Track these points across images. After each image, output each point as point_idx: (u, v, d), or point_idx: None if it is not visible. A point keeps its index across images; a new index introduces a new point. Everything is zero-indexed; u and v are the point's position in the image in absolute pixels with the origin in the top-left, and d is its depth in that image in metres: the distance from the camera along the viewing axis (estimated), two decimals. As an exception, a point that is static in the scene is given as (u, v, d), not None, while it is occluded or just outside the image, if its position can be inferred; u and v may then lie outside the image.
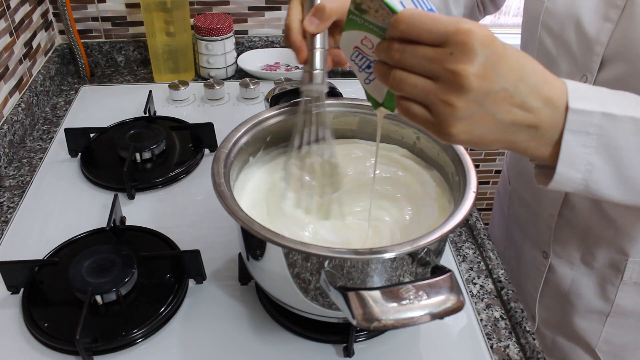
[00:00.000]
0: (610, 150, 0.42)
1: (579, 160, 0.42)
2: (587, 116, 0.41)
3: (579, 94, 0.41)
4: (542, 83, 0.40)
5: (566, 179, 0.43)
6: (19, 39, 1.00)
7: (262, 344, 0.60)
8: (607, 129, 0.41)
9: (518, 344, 0.63)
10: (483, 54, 0.36)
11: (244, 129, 0.62)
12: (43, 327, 0.60)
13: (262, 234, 0.48)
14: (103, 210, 0.78)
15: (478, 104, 0.38)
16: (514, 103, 0.39)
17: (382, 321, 0.41)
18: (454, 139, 0.40)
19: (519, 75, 0.39)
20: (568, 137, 0.41)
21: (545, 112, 0.40)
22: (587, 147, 0.42)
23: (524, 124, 0.40)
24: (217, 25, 1.09)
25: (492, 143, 0.41)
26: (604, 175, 0.43)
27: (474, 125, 0.39)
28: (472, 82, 0.36)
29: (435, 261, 0.51)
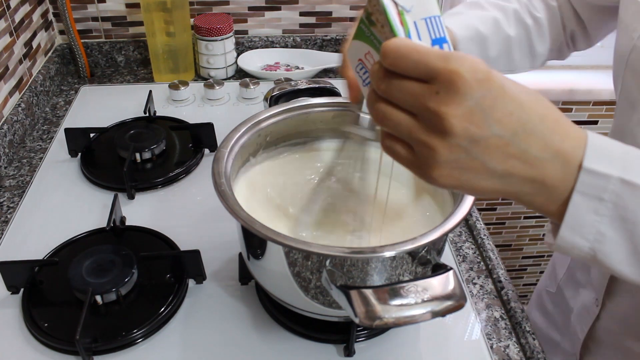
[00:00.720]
0: (627, 224, 0.36)
1: (588, 227, 0.37)
2: (603, 180, 0.35)
3: (599, 151, 0.36)
4: (552, 132, 0.35)
5: (571, 245, 0.38)
6: (19, 39, 1.00)
7: (262, 344, 0.60)
8: (624, 199, 0.36)
9: (518, 344, 0.63)
10: (472, 96, 0.32)
11: (244, 129, 0.62)
12: (43, 327, 0.60)
13: (263, 233, 0.48)
14: (103, 210, 0.78)
15: (463, 149, 0.34)
16: (510, 153, 0.34)
17: (384, 319, 0.41)
18: (438, 183, 0.36)
19: (520, 121, 0.34)
20: (577, 199, 0.36)
21: (553, 166, 0.35)
22: (599, 215, 0.36)
23: (525, 177, 0.35)
24: (217, 25, 1.09)
25: (487, 192, 0.37)
26: (616, 250, 0.37)
27: (459, 171, 0.35)
28: (455, 126, 0.33)
29: (436, 259, 0.52)
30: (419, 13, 0.36)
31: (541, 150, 0.35)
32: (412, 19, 0.35)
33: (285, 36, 1.23)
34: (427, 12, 0.36)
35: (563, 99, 1.38)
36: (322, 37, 1.24)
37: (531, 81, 1.36)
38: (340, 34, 1.24)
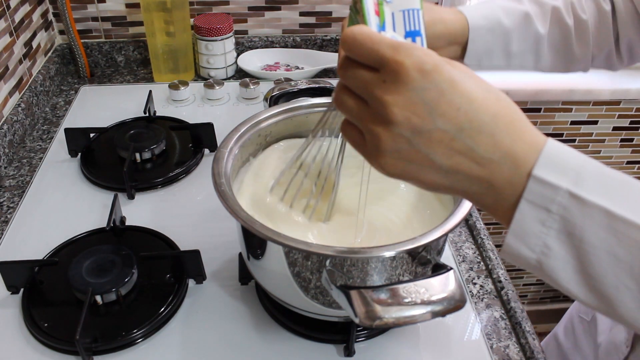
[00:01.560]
0: (574, 240, 0.34)
1: (534, 238, 0.35)
2: (551, 190, 0.33)
3: (554, 160, 0.34)
4: (503, 133, 0.34)
5: (517, 254, 0.36)
6: (19, 39, 1.00)
7: (262, 344, 0.60)
8: (572, 214, 0.34)
9: (518, 344, 0.63)
10: (415, 88, 0.33)
11: (244, 129, 0.62)
12: (43, 327, 0.60)
13: (263, 233, 0.48)
14: (103, 210, 0.78)
15: (405, 140, 0.34)
16: (456, 148, 0.34)
17: (384, 319, 0.41)
18: (386, 172, 0.36)
19: (467, 117, 0.33)
20: (524, 207, 0.34)
21: (501, 168, 0.34)
22: (545, 227, 0.34)
23: (471, 176, 0.35)
24: (217, 25, 1.09)
25: (434, 186, 0.36)
26: (562, 266, 0.35)
27: (404, 162, 0.35)
28: (396, 115, 0.33)
29: (436, 259, 0.52)
30: (398, 5, 0.36)
31: (490, 150, 0.34)
32: (391, 10, 0.36)
33: (285, 36, 1.23)
34: (406, 5, 0.37)
35: (563, 99, 1.38)
36: (322, 37, 1.24)
37: (531, 81, 1.36)
38: (340, 34, 1.24)
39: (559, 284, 0.36)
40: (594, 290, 0.35)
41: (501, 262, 0.73)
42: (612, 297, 0.35)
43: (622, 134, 1.50)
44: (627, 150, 1.54)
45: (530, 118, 1.35)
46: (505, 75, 1.39)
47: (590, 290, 0.35)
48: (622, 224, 0.33)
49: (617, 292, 0.34)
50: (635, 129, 1.49)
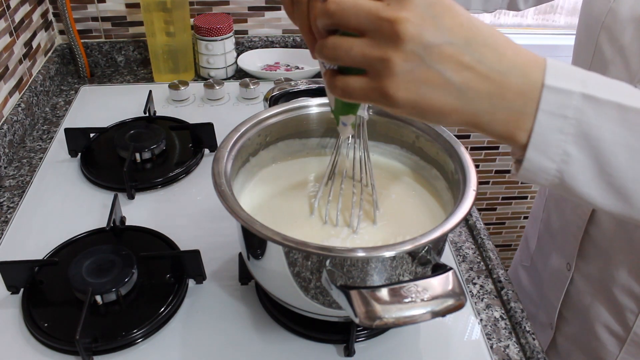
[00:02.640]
0: (592, 141, 0.36)
1: (554, 147, 0.36)
2: (565, 96, 0.35)
3: (558, 70, 0.36)
4: (504, 47, 0.35)
5: (537, 168, 0.37)
6: (19, 39, 1.00)
7: (262, 344, 0.60)
8: (587, 115, 0.35)
9: (518, 344, 0.63)
10: (423, 2, 0.33)
11: (244, 129, 0.62)
12: (43, 327, 0.60)
13: (263, 233, 0.48)
14: (103, 210, 0.78)
15: (418, 57, 0.34)
16: (465, 62, 0.34)
17: (384, 319, 0.41)
18: (396, 99, 0.35)
19: (471, 32, 0.34)
20: (542, 118, 0.35)
21: (510, 79, 0.35)
22: (563, 134, 0.36)
23: (482, 91, 0.35)
24: (217, 25, 1.09)
25: (446, 112, 0.36)
26: (582, 170, 0.37)
27: (417, 83, 0.34)
28: (408, 29, 0.33)
29: (436, 259, 0.52)
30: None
31: (496, 62, 0.35)
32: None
33: (285, 36, 1.23)
34: None
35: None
36: (322, 37, 1.23)
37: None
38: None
39: (579, 190, 0.37)
40: (614, 189, 0.37)
41: (501, 262, 0.73)
42: (632, 193, 0.37)
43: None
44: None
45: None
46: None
47: (610, 191, 0.37)
48: (634, 115, 0.35)
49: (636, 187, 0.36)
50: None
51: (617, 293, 0.67)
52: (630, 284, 0.65)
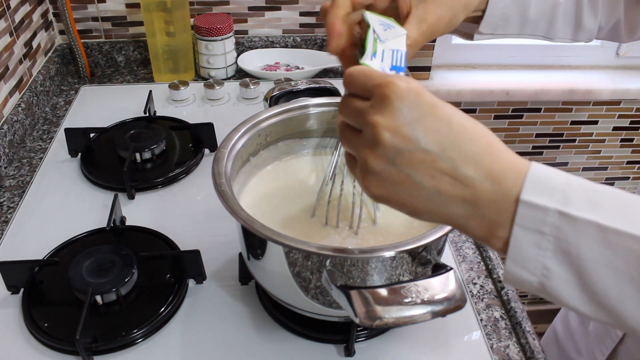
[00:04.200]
0: (572, 258, 0.34)
1: (532, 262, 0.35)
2: (541, 212, 0.34)
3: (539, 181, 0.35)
4: (484, 154, 0.35)
5: (520, 280, 0.36)
6: (19, 39, 1.00)
7: (262, 344, 0.60)
8: (565, 233, 0.34)
9: (518, 344, 0.63)
10: (400, 108, 0.34)
11: (244, 129, 0.62)
12: (43, 327, 0.60)
13: (263, 233, 0.48)
14: (103, 210, 0.78)
15: (389, 160, 0.35)
16: (439, 168, 0.35)
17: (384, 319, 0.41)
18: (371, 193, 0.37)
19: (448, 139, 0.35)
20: (517, 232, 0.35)
21: (484, 187, 0.35)
22: (541, 249, 0.35)
23: (455, 196, 0.35)
24: (217, 25, 1.09)
25: (419, 211, 0.37)
26: (564, 286, 0.35)
27: (388, 184, 0.36)
28: (382, 135, 0.35)
29: (436, 259, 0.52)
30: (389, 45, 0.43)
31: (471, 169, 0.35)
32: (382, 48, 0.43)
33: (285, 36, 1.23)
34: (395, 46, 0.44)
35: (563, 99, 1.38)
36: (322, 37, 1.23)
37: (531, 81, 1.36)
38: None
39: (564, 303, 0.36)
40: (599, 305, 0.35)
41: (501, 262, 0.73)
42: (618, 310, 0.35)
43: (622, 134, 1.50)
44: (627, 150, 1.54)
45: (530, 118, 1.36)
46: (505, 75, 1.39)
47: (595, 305, 0.35)
48: (615, 236, 0.33)
49: (621, 305, 0.34)
50: (635, 129, 1.49)
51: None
52: None
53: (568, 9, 0.64)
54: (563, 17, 0.64)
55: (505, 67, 1.42)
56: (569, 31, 0.66)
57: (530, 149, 1.50)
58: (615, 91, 1.36)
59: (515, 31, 0.62)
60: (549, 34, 0.65)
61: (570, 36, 0.66)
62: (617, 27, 0.67)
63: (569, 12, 0.64)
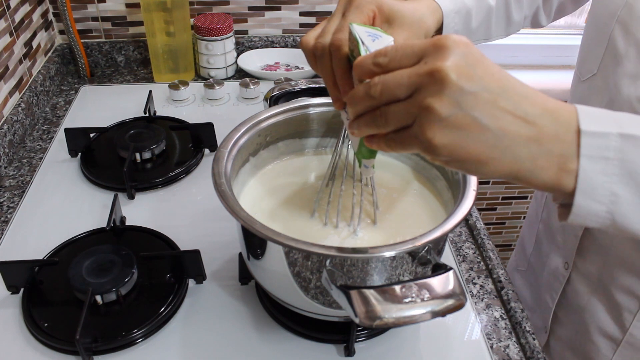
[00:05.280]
0: (638, 178, 0.36)
1: (601, 190, 0.37)
2: (603, 139, 0.36)
3: (590, 114, 0.37)
4: (536, 94, 0.37)
5: (587, 212, 0.38)
6: (19, 39, 1.00)
7: (262, 344, 0.60)
8: (628, 153, 0.36)
9: (518, 344, 0.63)
10: (458, 52, 0.35)
11: (244, 129, 0.62)
12: (43, 327, 0.60)
13: (263, 233, 0.48)
14: (103, 210, 0.78)
15: (456, 103, 0.35)
16: (502, 107, 0.36)
17: (384, 319, 0.41)
18: (435, 148, 0.36)
19: (502, 80, 0.36)
20: (584, 163, 0.36)
21: (544, 122, 0.36)
22: (608, 175, 0.36)
23: (519, 135, 0.36)
24: (217, 25, 1.09)
25: (484, 159, 0.37)
26: (632, 208, 0.37)
27: (455, 130, 0.36)
28: (449, 76, 0.35)
29: (436, 259, 0.51)
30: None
31: (530, 107, 0.36)
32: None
33: (285, 36, 1.23)
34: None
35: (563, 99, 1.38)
36: (322, 37, 1.23)
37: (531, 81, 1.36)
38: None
39: (632, 228, 0.38)
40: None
41: (501, 262, 0.73)
42: None
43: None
44: (627, 150, 1.53)
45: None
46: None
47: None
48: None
49: None
50: (635, 129, 1.49)
51: (615, 292, 0.66)
52: (630, 282, 0.65)
53: (499, 10, 0.69)
54: (496, 18, 0.69)
55: (505, 67, 1.42)
56: (502, 29, 0.71)
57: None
58: (615, 91, 1.36)
59: None
60: (486, 36, 0.70)
61: (503, 32, 0.72)
62: (537, 13, 0.74)
63: (500, 12, 0.69)
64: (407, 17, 0.54)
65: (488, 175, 0.38)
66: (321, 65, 0.48)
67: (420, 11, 0.56)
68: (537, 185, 0.38)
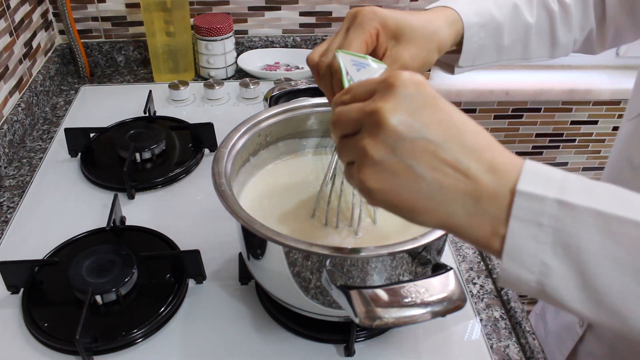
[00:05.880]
0: (572, 251, 0.33)
1: (530, 257, 0.33)
2: (539, 202, 0.33)
3: (536, 173, 0.34)
4: (484, 149, 0.34)
5: (517, 279, 0.34)
6: (19, 39, 1.00)
7: (262, 344, 0.60)
8: (565, 223, 0.32)
9: (518, 344, 0.63)
10: (404, 94, 0.34)
11: (244, 129, 0.62)
12: (43, 327, 0.60)
13: (263, 233, 0.48)
14: (103, 210, 0.78)
15: (390, 149, 0.34)
16: (442, 159, 0.34)
17: (384, 319, 0.41)
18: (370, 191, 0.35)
19: (451, 131, 0.34)
20: (514, 225, 0.33)
21: (486, 179, 0.34)
22: (539, 243, 0.33)
23: (457, 190, 0.34)
24: (217, 25, 1.09)
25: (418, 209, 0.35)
26: (564, 283, 0.33)
27: (388, 177, 0.34)
28: (386, 119, 0.34)
29: (436, 259, 0.52)
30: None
31: (474, 162, 0.34)
32: None
33: (285, 36, 1.23)
34: None
35: (563, 99, 1.38)
36: (322, 37, 1.23)
37: (531, 81, 1.36)
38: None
39: (565, 304, 0.34)
40: (601, 305, 0.33)
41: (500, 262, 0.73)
42: (621, 310, 0.33)
43: (622, 134, 1.50)
44: (627, 150, 1.53)
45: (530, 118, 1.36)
46: (505, 75, 1.39)
47: (597, 305, 0.33)
48: (616, 223, 0.32)
49: (624, 303, 0.33)
50: (635, 129, 1.49)
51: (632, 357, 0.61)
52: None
53: (541, 29, 0.63)
54: (537, 37, 0.64)
55: (505, 66, 1.42)
56: (545, 49, 0.66)
57: (530, 148, 1.50)
58: (615, 91, 1.36)
59: (493, 59, 0.62)
60: (526, 56, 0.65)
61: (547, 54, 0.66)
62: (590, 38, 0.67)
63: (543, 31, 0.64)
64: (416, 32, 0.51)
65: (423, 224, 0.36)
66: (323, 82, 0.49)
67: (434, 24, 0.53)
68: (470, 242, 0.36)
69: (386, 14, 0.49)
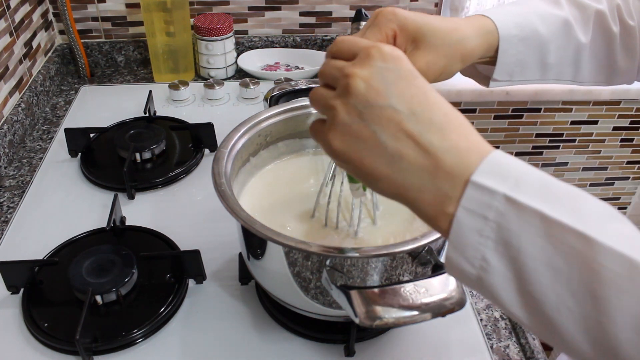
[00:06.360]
0: (512, 251, 0.31)
1: (472, 251, 0.33)
2: (488, 196, 0.32)
3: (495, 166, 0.33)
4: (453, 129, 0.34)
5: (459, 270, 0.34)
6: (19, 39, 1.00)
7: (262, 344, 0.60)
8: (508, 220, 0.31)
9: (518, 344, 0.63)
10: (380, 66, 0.35)
11: (244, 129, 0.62)
12: (43, 327, 0.60)
13: (263, 233, 0.48)
14: (103, 210, 0.78)
15: (358, 113, 0.35)
16: (405, 130, 0.34)
17: (384, 319, 0.41)
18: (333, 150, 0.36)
19: (421, 106, 0.34)
20: (461, 215, 0.32)
21: (446, 158, 0.33)
22: (483, 237, 0.32)
23: (415, 164, 0.34)
24: (217, 25, 1.09)
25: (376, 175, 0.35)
26: (502, 284, 0.32)
27: (352, 140, 0.35)
28: (357, 84, 0.35)
29: (436, 259, 0.52)
30: None
31: (437, 139, 0.34)
32: None
33: (285, 36, 1.23)
34: None
35: (563, 99, 1.38)
36: (322, 37, 1.24)
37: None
38: (340, 33, 1.24)
39: (501, 305, 0.33)
40: (535, 312, 0.32)
41: None
42: (553, 320, 0.32)
43: (622, 134, 1.50)
44: (627, 150, 1.54)
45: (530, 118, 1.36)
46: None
47: (531, 311, 0.32)
48: (559, 229, 0.31)
49: (558, 314, 0.31)
50: (635, 129, 1.49)
51: None
52: None
53: (597, 51, 0.58)
54: (591, 59, 0.58)
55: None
56: (602, 74, 0.60)
57: (530, 149, 1.50)
58: (615, 91, 1.36)
59: (536, 76, 0.58)
60: (578, 79, 0.59)
61: (604, 79, 0.61)
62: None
63: (599, 53, 0.58)
64: (438, 37, 0.48)
65: (381, 192, 0.37)
66: None
67: (461, 32, 0.50)
68: (420, 216, 0.36)
69: (406, 16, 0.47)
